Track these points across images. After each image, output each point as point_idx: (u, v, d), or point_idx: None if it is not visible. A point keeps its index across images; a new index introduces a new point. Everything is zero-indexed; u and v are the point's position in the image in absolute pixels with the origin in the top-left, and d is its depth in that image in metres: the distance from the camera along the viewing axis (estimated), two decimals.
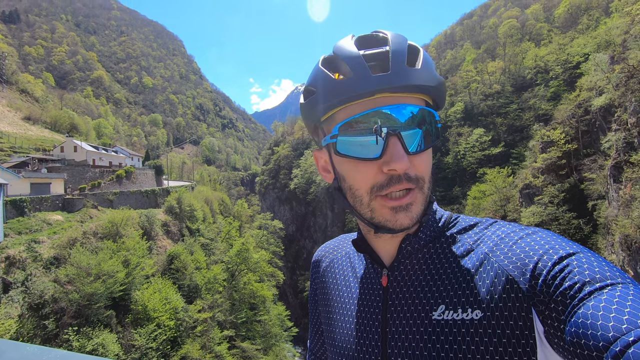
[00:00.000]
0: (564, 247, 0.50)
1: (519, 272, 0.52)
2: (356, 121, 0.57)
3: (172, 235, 27.87)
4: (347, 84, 0.57)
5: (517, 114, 45.77)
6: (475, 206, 35.29)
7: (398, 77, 0.55)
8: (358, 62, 0.57)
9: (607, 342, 0.38)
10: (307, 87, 0.66)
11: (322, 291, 0.80)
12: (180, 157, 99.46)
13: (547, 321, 0.47)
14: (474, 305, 0.54)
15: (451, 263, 0.60)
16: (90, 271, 16.27)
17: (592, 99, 27.86)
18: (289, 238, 65.25)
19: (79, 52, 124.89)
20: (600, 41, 36.24)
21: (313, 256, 0.88)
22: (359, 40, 0.63)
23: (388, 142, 0.56)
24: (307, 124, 0.70)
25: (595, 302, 0.41)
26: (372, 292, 0.67)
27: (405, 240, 0.65)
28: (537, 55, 48.69)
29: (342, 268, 0.78)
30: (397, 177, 0.56)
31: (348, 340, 0.67)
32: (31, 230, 18.41)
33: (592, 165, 26.13)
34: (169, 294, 20.20)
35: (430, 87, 0.58)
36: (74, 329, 14.83)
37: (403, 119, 0.57)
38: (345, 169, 0.62)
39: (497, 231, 0.61)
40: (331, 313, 0.74)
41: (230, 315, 25.71)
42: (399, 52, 0.58)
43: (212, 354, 21.30)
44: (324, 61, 0.64)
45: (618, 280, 0.43)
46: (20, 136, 41.58)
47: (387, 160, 0.56)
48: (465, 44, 71.07)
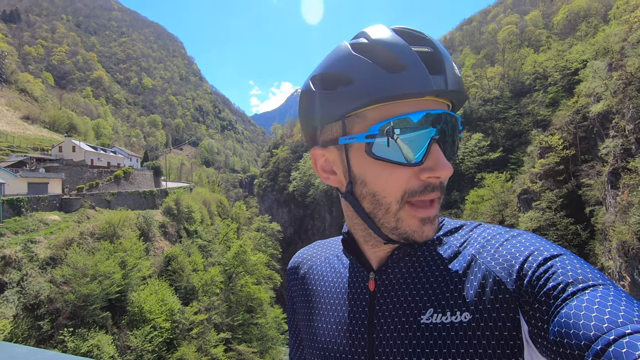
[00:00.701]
0: (548, 249, 0.51)
1: (506, 273, 0.52)
2: (404, 122, 0.52)
3: (169, 236, 27.78)
4: (399, 80, 0.51)
5: (515, 120, 45.99)
6: (474, 211, 35.33)
7: (451, 82, 0.53)
8: (413, 57, 0.51)
9: (589, 340, 0.38)
10: (336, 73, 0.57)
11: (301, 299, 0.76)
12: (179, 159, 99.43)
13: (531, 321, 0.47)
14: (462, 308, 0.53)
15: (439, 266, 0.59)
16: (87, 272, 16.18)
17: (590, 105, 28.02)
18: (287, 241, 65.12)
19: (79, 52, 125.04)
20: (599, 48, 36.49)
21: (289, 263, 0.84)
22: (399, 34, 0.55)
23: (431, 147, 0.53)
24: (321, 117, 0.60)
25: (577, 302, 0.42)
26: (358, 297, 0.64)
27: (399, 247, 0.63)
28: (535, 61, 49.00)
29: (322, 273, 0.74)
30: (434, 185, 0.54)
31: (333, 348, 0.64)
32: (28, 230, 18.32)
33: (589, 171, 26.24)
34: (166, 295, 20.11)
35: (462, 93, 0.56)
36: (70, 330, 14.73)
37: (449, 125, 0.55)
38: (372, 173, 0.56)
39: (482, 233, 0.60)
40: (313, 321, 0.70)
41: (226, 318, 25.60)
42: (448, 55, 0.55)
43: (208, 356, 21.18)
44: (357, 47, 0.55)
45: (599, 282, 0.44)
46: (18, 135, 41.48)
47: (430, 166, 0.53)
48: (465, 49, 71.48)
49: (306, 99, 0.62)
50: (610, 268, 18.93)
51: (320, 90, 0.58)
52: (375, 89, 0.52)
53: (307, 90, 0.61)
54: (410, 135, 0.52)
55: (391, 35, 0.54)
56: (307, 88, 0.61)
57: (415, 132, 0.52)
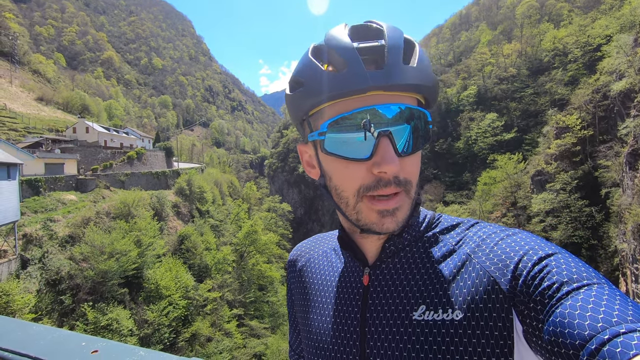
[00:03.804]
0: (543, 248, 0.51)
1: (500, 272, 0.52)
2: (346, 119, 0.54)
3: (182, 216, 28.38)
4: (339, 79, 0.53)
5: (532, 99, 44.61)
6: (485, 192, 34.95)
7: (393, 75, 0.52)
8: (352, 55, 0.53)
9: (584, 340, 0.38)
10: (295, 77, 0.61)
11: (298, 290, 0.78)
12: (190, 139, 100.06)
13: (526, 320, 0.47)
14: (454, 306, 0.54)
15: (433, 263, 0.60)
16: (104, 250, 16.77)
17: (611, 83, 26.92)
18: (297, 221, 65.90)
19: (89, 32, 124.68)
20: (624, 22, 34.67)
21: (289, 256, 0.85)
22: (352, 31, 0.58)
23: (379, 142, 0.53)
24: (292, 117, 0.65)
25: (572, 302, 0.42)
26: (352, 291, 0.66)
27: (389, 240, 0.63)
28: (555, 37, 46.92)
29: (319, 266, 0.76)
30: (386, 180, 0.54)
31: (326, 340, 0.65)
32: (46, 209, 18.92)
33: (607, 152, 25.53)
34: (180, 273, 20.76)
35: (425, 86, 0.56)
36: (89, 304, 15.44)
37: (393, 117, 0.54)
38: (331, 168, 0.59)
39: (478, 232, 0.61)
40: (308, 313, 0.72)
41: (239, 295, 26.39)
42: (395, 47, 0.54)
43: (222, 331, 22.01)
44: (314, 50, 0.60)
45: (594, 281, 0.44)
46: (33, 117, 42.23)
47: (377, 161, 0.53)
48: (481, 25, 68.77)
49: (286, 100, 0.66)
50: (624, 251, 18.68)
51: (288, 93, 0.63)
52: (320, 90, 0.55)
53: (285, 93, 0.66)
54: (354, 130, 0.54)
55: (340, 35, 0.56)
56: (286, 91, 0.66)
57: (359, 128, 0.53)
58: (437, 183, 44.93)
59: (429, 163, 48.16)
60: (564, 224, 25.68)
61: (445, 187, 44.30)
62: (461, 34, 75.38)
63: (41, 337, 0.91)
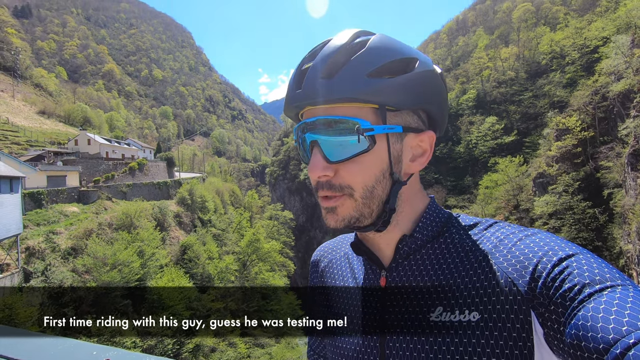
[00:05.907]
0: (563, 249, 0.50)
1: (518, 274, 0.52)
2: (298, 129, 0.63)
3: (184, 226, 28.35)
4: (286, 99, 0.63)
5: (531, 102, 44.73)
6: (487, 196, 34.84)
7: (310, 94, 0.58)
8: (291, 78, 0.63)
9: (608, 344, 0.38)
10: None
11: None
12: (191, 149, 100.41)
13: (547, 323, 0.47)
14: (471, 307, 0.54)
15: (449, 264, 0.60)
16: (107, 261, 16.74)
17: (610, 84, 26.99)
18: (300, 228, 65.68)
19: (90, 45, 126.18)
20: (620, 24, 34.84)
21: (312, 256, 0.88)
22: (310, 52, 0.63)
23: (311, 151, 0.60)
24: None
25: (595, 304, 0.41)
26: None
27: (401, 241, 0.64)
28: (552, 40, 47.20)
29: (340, 268, 0.77)
30: (320, 183, 0.60)
31: (347, 341, 0.67)
32: (49, 221, 18.93)
33: (609, 153, 25.48)
34: (182, 283, 20.66)
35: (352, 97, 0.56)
36: (92, 316, 15.35)
37: (320, 128, 0.59)
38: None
39: (496, 232, 0.60)
40: (329, 314, 0.73)
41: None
42: (316, 67, 0.58)
43: (225, 341, 21.81)
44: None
45: (618, 282, 0.43)
46: (35, 130, 42.52)
47: (308, 168, 0.60)
48: (478, 29, 69.30)
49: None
50: (630, 252, 18.54)
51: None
52: (284, 105, 0.65)
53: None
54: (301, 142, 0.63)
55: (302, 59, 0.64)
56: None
57: (300, 138, 0.63)
58: (438, 187, 44.85)
59: (430, 167, 48.11)
60: (567, 226, 25.53)
61: (446, 192, 44.20)
62: (458, 39, 75.86)
63: (52, 347, 0.91)
